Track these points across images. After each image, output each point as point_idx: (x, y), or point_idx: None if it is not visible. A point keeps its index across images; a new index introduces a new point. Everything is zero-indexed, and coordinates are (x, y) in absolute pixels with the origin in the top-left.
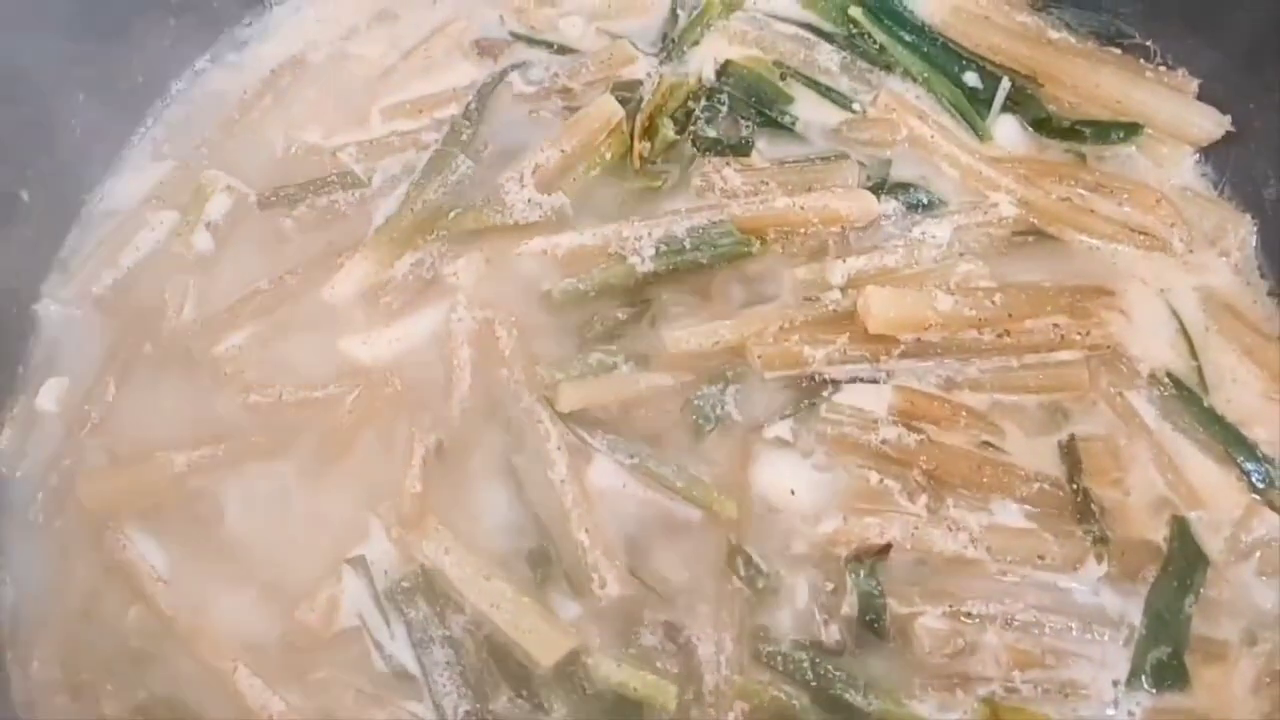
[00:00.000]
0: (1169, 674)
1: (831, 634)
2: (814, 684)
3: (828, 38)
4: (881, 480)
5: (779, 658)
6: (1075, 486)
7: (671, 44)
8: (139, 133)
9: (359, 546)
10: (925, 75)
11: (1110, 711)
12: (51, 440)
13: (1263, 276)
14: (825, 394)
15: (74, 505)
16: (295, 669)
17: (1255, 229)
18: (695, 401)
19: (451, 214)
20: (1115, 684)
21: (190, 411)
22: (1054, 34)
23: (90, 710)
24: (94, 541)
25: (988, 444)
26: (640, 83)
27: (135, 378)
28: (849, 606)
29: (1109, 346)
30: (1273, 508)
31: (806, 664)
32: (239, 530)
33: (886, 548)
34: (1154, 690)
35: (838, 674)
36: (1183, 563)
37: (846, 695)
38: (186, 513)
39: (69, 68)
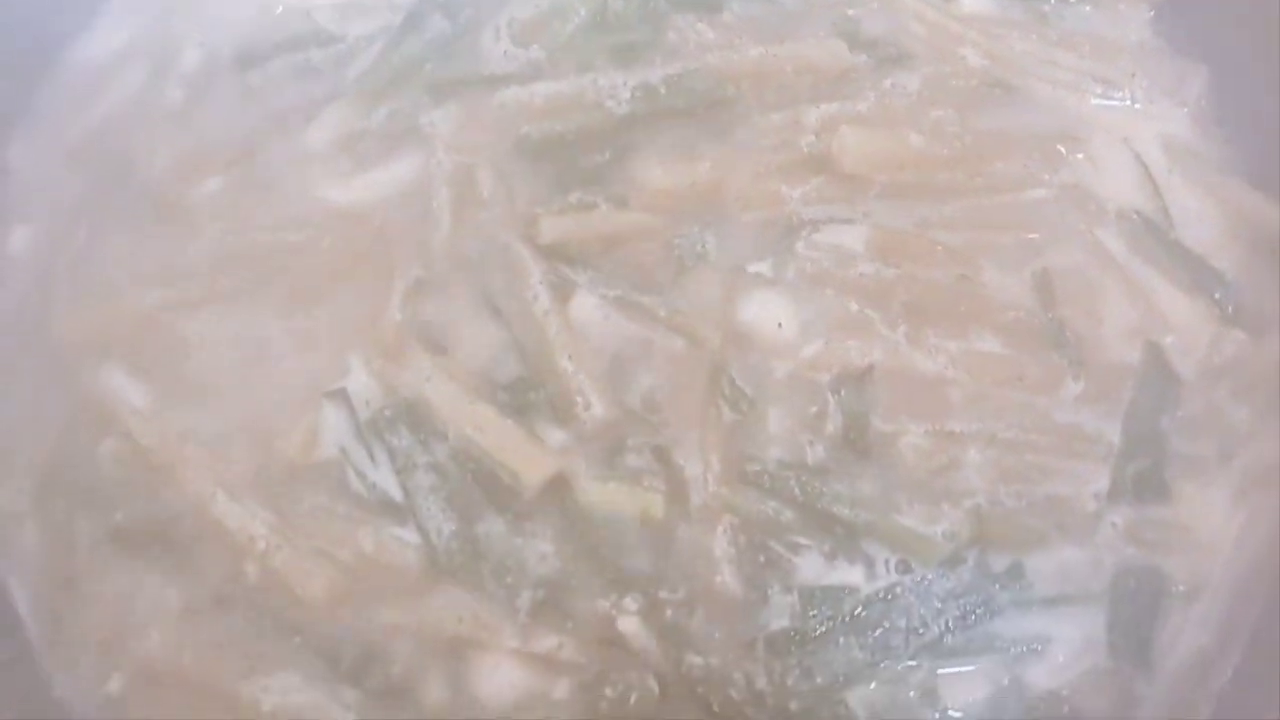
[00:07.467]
0: (1148, 486)
1: (816, 453)
2: (801, 499)
3: None
4: (862, 310)
5: (765, 476)
6: (1050, 315)
7: None
8: None
9: (339, 381)
10: None
11: (1093, 522)
12: (21, 283)
13: (1219, 124)
14: (803, 234)
15: (45, 344)
16: (275, 497)
17: (1210, 79)
18: (676, 240)
19: (427, 66)
20: (1097, 496)
21: (164, 257)
22: None
23: (62, 538)
24: (66, 379)
25: (964, 277)
26: None
27: (107, 225)
28: (833, 426)
29: (1077, 185)
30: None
31: (793, 480)
32: (215, 368)
33: (869, 369)
34: (1135, 501)
35: (824, 489)
36: (1156, 383)
37: (834, 509)
38: (161, 351)
39: None
